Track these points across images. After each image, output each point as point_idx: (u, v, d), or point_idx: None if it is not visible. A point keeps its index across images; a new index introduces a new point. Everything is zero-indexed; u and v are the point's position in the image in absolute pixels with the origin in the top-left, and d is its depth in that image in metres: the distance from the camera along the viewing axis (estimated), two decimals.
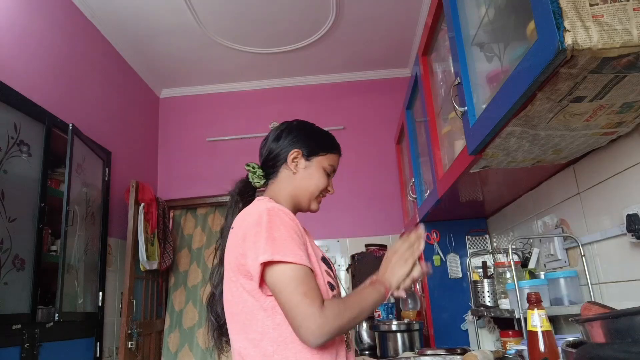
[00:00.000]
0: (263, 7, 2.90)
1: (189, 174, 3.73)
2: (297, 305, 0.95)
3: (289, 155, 1.21)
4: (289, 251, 0.99)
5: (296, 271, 0.98)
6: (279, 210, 1.06)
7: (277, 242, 0.99)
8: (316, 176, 1.21)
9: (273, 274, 0.99)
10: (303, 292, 0.96)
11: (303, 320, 0.95)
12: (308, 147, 1.22)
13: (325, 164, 1.23)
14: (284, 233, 1.01)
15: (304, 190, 1.21)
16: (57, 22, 2.56)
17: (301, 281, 0.97)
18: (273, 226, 1.01)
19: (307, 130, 1.27)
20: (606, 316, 0.74)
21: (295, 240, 1.02)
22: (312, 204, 1.24)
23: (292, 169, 1.21)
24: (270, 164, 1.24)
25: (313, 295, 0.96)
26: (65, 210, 2.23)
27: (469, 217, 2.33)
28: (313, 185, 1.21)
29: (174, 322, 3.41)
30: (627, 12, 0.77)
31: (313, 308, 0.94)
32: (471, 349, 1.94)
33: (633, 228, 1.15)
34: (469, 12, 1.42)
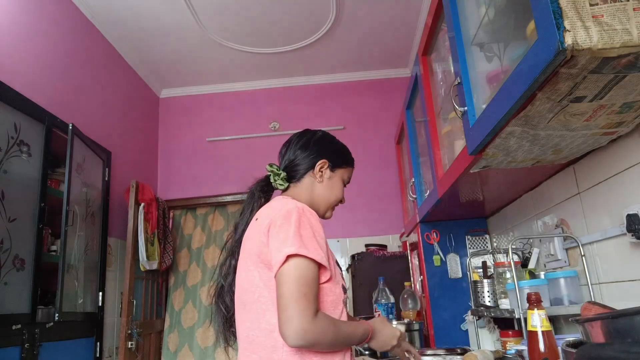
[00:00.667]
0: (263, 7, 2.90)
1: (189, 174, 3.73)
2: (295, 300, 0.98)
3: (317, 164, 1.27)
4: (313, 249, 1.03)
5: (311, 270, 1.02)
6: (308, 211, 1.11)
7: (304, 239, 1.04)
8: (337, 187, 1.30)
9: (289, 265, 1.02)
10: (305, 293, 0.99)
11: (294, 317, 0.97)
12: (334, 159, 1.30)
13: (345, 176, 1.33)
14: (309, 231, 1.06)
15: (325, 199, 1.28)
16: (57, 23, 2.56)
17: (310, 282, 1.01)
18: (301, 224, 1.06)
19: (333, 143, 1.35)
20: (606, 316, 0.74)
21: (319, 242, 1.06)
22: (328, 212, 1.31)
23: (317, 178, 1.27)
24: (295, 168, 1.29)
25: (312, 300, 1.00)
26: (65, 210, 2.23)
27: (469, 217, 2.33)
28: (334, 195, 1.29)
29: (173, 322, 3.41)
30: (627, 12, 0.77)
31: (308, 311, 0.98)
32: (471, 349, 1.94)
33: (633, 228, 1.15)
34: (469, 12, 1.42)
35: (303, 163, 1.28)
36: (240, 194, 3.57)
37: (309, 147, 1.30)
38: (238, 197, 3.58)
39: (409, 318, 2.37)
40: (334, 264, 1.14)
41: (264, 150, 3.65)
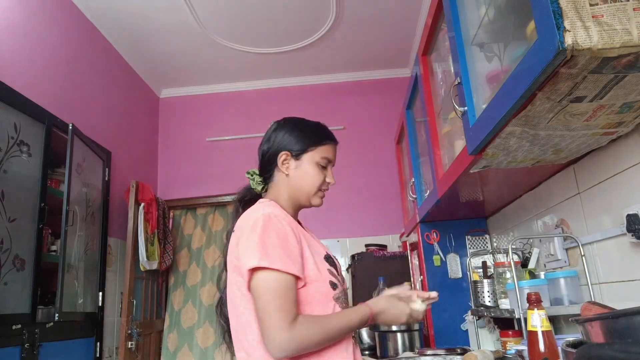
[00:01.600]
0: (263, 7, 2.90)
1: (189, 174, 3.73)
2: (269, 315, 0.97)
3: (278, 158, 1.21)
4: (277, 258, 1.00)
5: (279, 280, 0.99)
6: (275, 217, 1.07)
7: (267, 249, 1.01)
8: (310, 173, 1.20)
9: (256, 278, 1.01)
10: (279, 305, 0.98)
11: (270, 331, 0.97)
12: (296, 146, 1.20)
13: (317, 157, 1.20)
14: (274, 240, 1.02)
15: (300, 190, 1.20)
16: (57, 22, 2.56)
17: (281, 292, 0.99)
18: (265, 232, 1.03)
19: (293, 128, 1.23)
20: (606, 316, 0.74)
21: (286, 248, 1.03)
22: (313, 200, 1.22)
23: (284, 171, 1.20)
24: (265, 168, 1.24)
25: (287, 309, 0.98)
26: (65, 210, 2.23)
27: (469, 217, 2.33)
28: (308, 183, 1.20)
29: (173, 321, 3.41)
30: (627, 12, 0.77)
31: (283, 322, 0.96)
32: (471, 349, 1.94)
33: (633, 228, 1.15)
34: (469, 12, 1.42)
35: (269, 160, 1.23)
36: None
37: (270, 141, 1.24)
38: None
39: None
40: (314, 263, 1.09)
41: None
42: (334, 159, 1.25)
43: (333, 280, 1.11)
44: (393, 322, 1.14)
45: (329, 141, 1.24)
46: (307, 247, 1.10)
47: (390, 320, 1.13)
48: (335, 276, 1.13)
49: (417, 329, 2.15)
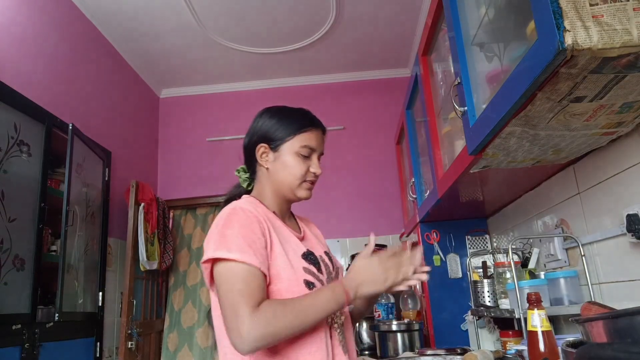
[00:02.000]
0: (263, 7, 2.90)
1: (189, 174, 3.73)
2: (230, 304, 0.91)
3: (256, 153, 1.14)
4: (236, 248, 0.94)
5: (237, 270, 0.93)
6: (240, 209, 1.02)
7: (226, 239, 0.96)
8: (290, 165, 1.11)
9: (216, 270, 0.96)
10: (238, 290, 0.91)
11: (232, 321, 0.90)
12: (272, 138, 1.13)
13: (297, 147, 1.11)
14: (235, 230, 0.97)
15: (282, 183, 1.12)
16: (57, 22, 2.56)
17: (240, 279, 0.92)
18: (227, 224, 0.98)
19: (271, 117, 1.17)
20: (606, 316, 0.74)
21: (248, 237, 0.97)
22: (299, 192, 1.13)
23: (264, 165, 1.14)
24: (248, 163, 1.19)
25: (249, 295, 0.91)
26: (65, 210, 2.23)
27: (469, 217, 2.33)
28: (288, 175, 1.11)
29: (173, 321, 3.41)
30: (627, 12, 0.77)
31: (244, 309, 0.89)
32: (471, 349, 1.94)
33: (633, 228, 1.15)
34: (469, 12, 1.42)
35: (249, 156, 1.17)
36: None
37: (249, 134, 1.18)
38: None
39: (409, 318, 2.37)
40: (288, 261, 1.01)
41: None
42: (318, 147, 1.15)
43: (309, 279, 1.02)
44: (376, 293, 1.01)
45: (311, 127, 1.14)
46: (278, 243, 1.03)
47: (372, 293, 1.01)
48: (313, 274, 1.04)
49: (417, 329, 2.15)
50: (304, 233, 1.20)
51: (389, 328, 2.14)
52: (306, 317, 0.94)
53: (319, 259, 1.11)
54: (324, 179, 3.46)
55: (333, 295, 0.97)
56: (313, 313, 0.94)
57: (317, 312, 0.95)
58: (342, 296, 0.97)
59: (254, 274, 0.94)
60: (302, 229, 1.21)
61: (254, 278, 0.94)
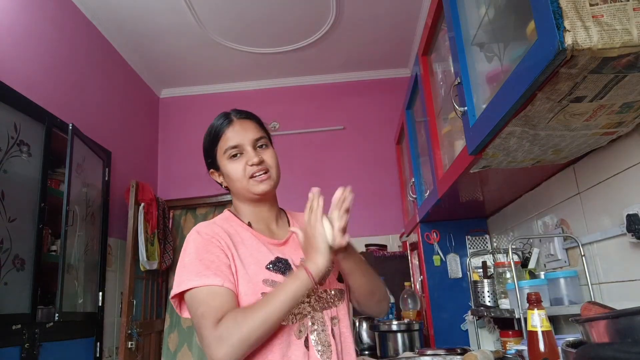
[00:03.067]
0: (263, 7, 2.90)
1: (189, 174, 3.73)
2: (197, 329, 0.94)
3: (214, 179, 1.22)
4: (194, 275, 0.98)
5: (198, 294, 0.96)
6: (195, 232, 1.06)
7: (186, 269, 1.00)
8: (230, 172, 1.12)
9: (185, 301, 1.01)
10: (201, 314, 0.94)
11: (203, 341, 0.92)
12: (209, 161, 1.21)
13: (224, 155, 1.13)
14: (192, 256, 1.01)
15: (237, 191, 1.15)
16: (57, 23, 2.56)
17: (201, 302, 0.95)
18: (185, 251, 1.03)
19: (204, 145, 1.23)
20: (606, 316, 0.74)
21: (205, 259, 1.00)
22: (252, 189, 1.10)
23: (223, 184, 1.20)
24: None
25: (209, 314, 0.92)
26: (65, 210, 2.23)
27: (469, 217, 2.33)
28: (235, 182, 1.12)
29: (173, 322, 3.41)
30: (627, 12, 0.77)
31: (208, 327, 0.91)
32: (471, 349, 1.94)
33: (633, 228, 1.15)
34: (469, 12, 1.42)
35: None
36: None
37: None
38: None
39: (409, 318, 2.37)
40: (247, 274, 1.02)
41: None
42: (241, 141, 1.11)
43: (268, 290, 1.00)
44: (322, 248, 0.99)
45: (224, 128, 1.14)
46: (238, 258, 1.04)
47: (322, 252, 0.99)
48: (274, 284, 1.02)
49: (417, 329, 2.15)
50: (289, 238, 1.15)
51: (389, 328, 2.14)
52: (272, 311, 0.92)
53: (291, 264, 1.08)
54: (324, 179, 3.48)
55: (291, 278, 0.96)
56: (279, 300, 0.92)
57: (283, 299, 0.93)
58: (302, 272, 0.95)
59: (216, 292, 0.96)
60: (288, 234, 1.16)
61: (216, 296, 0.95)
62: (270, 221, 1.19)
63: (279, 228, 1.19)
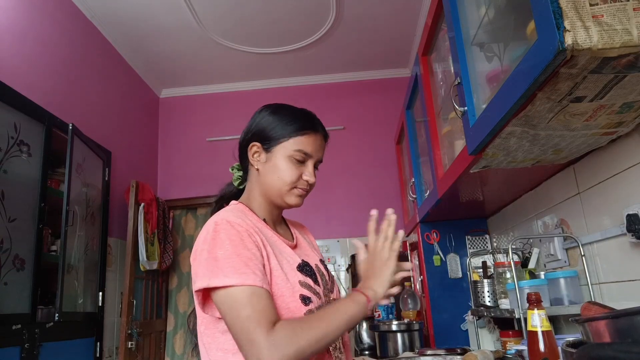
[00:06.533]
0: (263, 7, 2.90)
1: (189, 174, 3.73)
2: (240, 331, 0.84)
3: (248, 151, 1.07)
4: (232, 271, 0.86)
5: (239, 294, 0.85)
6: (227, 223, 0.93)
7: (219, 263, 0.87)
8: (280, 168, 1.03)
9: (215, 298, 0.89)
10: (247, 317, 0.84)
11: (248, 350, 0.82)
12: (266, 137, 1.05)
13: (291, 150, 1.03)
14: (228, 250, 0.89)
15: (271, 187, 1.04)
16: (57, 22, 2.56)
17: (245, 303, 0.85)
18: (217, 243, 0.90)
19: (267, 115, 1.08)
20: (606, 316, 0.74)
21: (243, 256, 0.89)
22: (288, 199, 1.05)
23: (255, 166, 1.06)
24: (241, 162, 1.11)
25: (259, 318, 0.83)
26: (65, 210, 2.23)
27: (469, 217, 2.33)
28: (280, 179, 1.03)
29: (179, 323, 3.41)
30: (627, 12, 0.77)
31: (260, 332, 0.82)
32: (471, 349, 1.94)
33: (633, 228, 1.15)
34: (469, 12, 1.42)
35: (242, 153, 1.09)
36: None
37: (245, 131, 1.09)
38: None
39: (409, 318, 2.37)
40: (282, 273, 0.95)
41: None
42: (315, 153, 1.05)
43: (305, 293, 0.96)
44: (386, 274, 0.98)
45: (310, 131, 1.05)
46: (273, 256, 0.96)
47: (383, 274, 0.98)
48: (309, 288, 0.98)
49: (417, 329, 2.15)
50: (297, 241, 1.12)
51: (389, 328, 2.14)
52: (331, 330, 0.87)
53: (315, 269, 1.05)
54: (323, 179, 3.47)
55: (352, 300, 0.93)
56: (338, 324, 0.89)
57: (341, 320, 0.89)
58: (361, 297, 0.93)
59: (259, 295, 0.86)
60: (294, 236, 1.14)
61: (260, 299, 0.86)
62: (278, 222, 1.15)
63: (282, 230, 1.16)
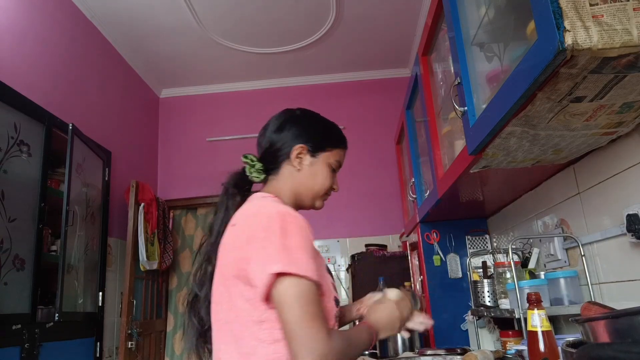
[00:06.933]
0: (263, 7, 2.90)
1: (189, 174, 3.73)
2: (305, 324, 0.84)
3: (292, 150, 1.09)
4: (304, 263, 0.86)
5: (307, 287, 0.86)
6: (294, 216, 0.93)
7: (292, 252, 0.87)
8: (322, 174, 1.10)
9: (282, 286, 0.86)
10: (312, 313, 0.85)
11: (308, 342, 0.83)
12: (314, 142, 1.10)
13: (332, 160, 1.12)
14: (299, 242, 0.89)
15: (308, 189, 1.10)
16: (57, 22, 2.56)
17: (311, 300, 0.86)
18: (287, 233, 0.89)
19: (313, 121, 1.15)
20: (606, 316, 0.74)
21: (309, 251, 0.90)
22: (317, 203, 1.13)
23: (295, 166, 1.09)
24: (270, 158, 1.12)
25: (321, 319, 0.85)
26: (65, 210, 2.23)
27: (469, 217, 2.33)
28: (318, 184, 1.10)
29: (178, 323, 3.41)
30: (627, 12, 0.77)
31: (321, 334, 0.84)
32: (471, 349, 1.94)
33: (633, 228, 1.15)
34: (469, 12, 1.42)
35: (279, 150, 1.10)
36: None
37: (284, 130, 1.11)
38: None
39: None
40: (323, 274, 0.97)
41: None
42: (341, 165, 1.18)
43: (337, 296, 1.02)
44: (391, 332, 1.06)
45: (344, 146, 1.19)
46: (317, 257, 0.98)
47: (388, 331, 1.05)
48: (335, 290, 1.03)
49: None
50: None
51: None
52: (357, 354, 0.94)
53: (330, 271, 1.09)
54: None
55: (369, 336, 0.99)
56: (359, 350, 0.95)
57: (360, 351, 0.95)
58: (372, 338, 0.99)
59: (317, 294, 0.88)
60: None
61: (319, 298, 0.88)
62: None
63: None
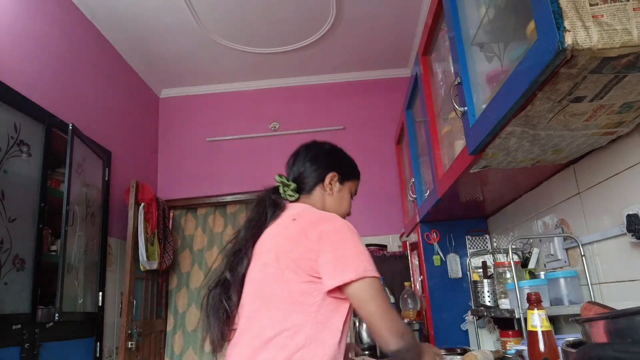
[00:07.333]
0: (263, 7, 2.90)
1: (189, 174, 3.73)
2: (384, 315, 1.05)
3: (327, 176, 1.31)
4: (373, 266, 1.09)
5: (379, 285, 1.09)
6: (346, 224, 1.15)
7: (366, 257, 1.10)
8: (346, 199, 1.34)
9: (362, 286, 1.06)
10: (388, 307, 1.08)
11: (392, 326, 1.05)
12: (343, 172, 1.34)
13: (353, 189, 1.37)
14: (364, 249, 1.11)
15: (335, 211, 1.29)
16: (57, 22, 2.56)
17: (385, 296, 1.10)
18: (358, 242, 1.12)
19: (342, 156, 1.40)
20: (606, 316, 0.74)
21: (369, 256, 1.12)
22: None
23: (327, 190, 1.31)
24: (304, 180, 1.32)
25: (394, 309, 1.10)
26: (65, 210, 2.23)
27: (469, 217, 2.33)
28: (343, 209, 1.32)
29: (177, 323, 3.41)
30: (627, 12, 0.77)
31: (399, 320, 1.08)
32: (471, 349, 1.94)
33: (633, 228, 1.15)
34: (469, 12, 1.42)
35: (313, 175, 1.31)
36: (240, 194, 3.57)
37: (318, 160, 1.33)
38: (238, 197, 3.58)
39: (409, 318, 2.37)
40: None
41: (264, 150, 3.65)
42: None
43: None
44: None
45: (359, 178, 1.42)
46: None
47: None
48: None
49: (417, 329, 2.15)
50: None
51: None
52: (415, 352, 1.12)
53: None
54: None
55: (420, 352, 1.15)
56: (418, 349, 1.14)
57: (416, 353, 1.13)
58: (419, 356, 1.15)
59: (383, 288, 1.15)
60: None
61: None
62: None
63: None
